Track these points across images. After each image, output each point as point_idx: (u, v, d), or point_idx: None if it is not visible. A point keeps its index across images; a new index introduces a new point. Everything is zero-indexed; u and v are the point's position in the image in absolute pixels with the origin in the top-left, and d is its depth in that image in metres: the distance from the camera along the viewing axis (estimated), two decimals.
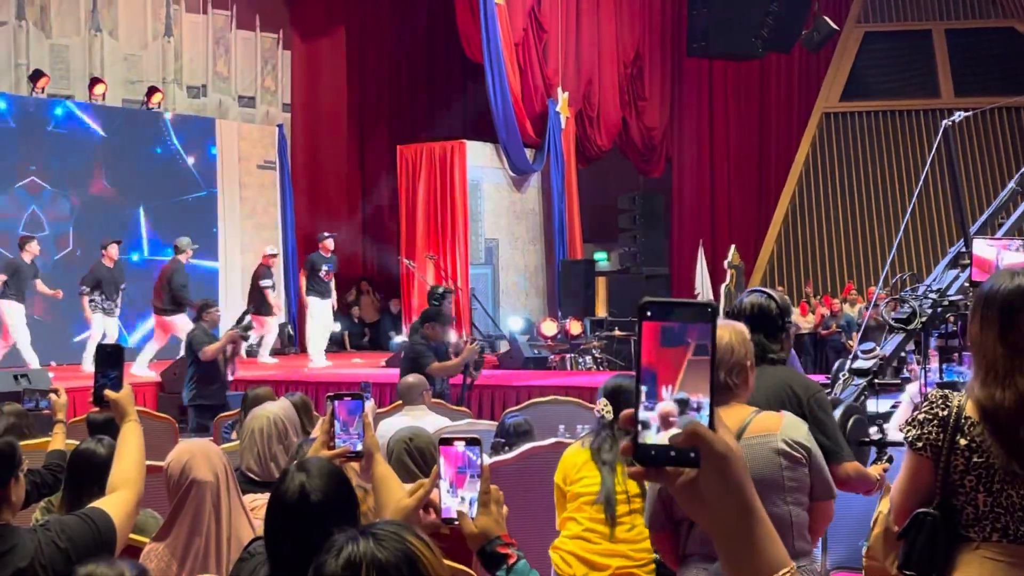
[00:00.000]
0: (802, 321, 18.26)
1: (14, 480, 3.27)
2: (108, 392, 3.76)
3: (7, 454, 3.27)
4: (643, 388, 1.45)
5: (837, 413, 4.88)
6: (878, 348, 6.24)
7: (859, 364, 6.18)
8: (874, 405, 7.12)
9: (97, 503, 3.53)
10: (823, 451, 4.09)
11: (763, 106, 22.96)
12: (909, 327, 6.59)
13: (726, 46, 19.76)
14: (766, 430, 3.55)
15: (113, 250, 14.45)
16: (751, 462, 3.42)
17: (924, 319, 6.70)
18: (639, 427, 1.47)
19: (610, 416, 4.58)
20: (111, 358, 3.84)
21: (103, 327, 14.45)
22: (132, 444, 3.70)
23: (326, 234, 15.97)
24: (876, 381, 5.50)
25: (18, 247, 13.94)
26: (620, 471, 4.52)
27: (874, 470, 4.66)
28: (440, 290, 12.52)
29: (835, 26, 20.02)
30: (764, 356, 4.17)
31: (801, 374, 4.66)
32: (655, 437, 1.46)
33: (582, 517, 4.64)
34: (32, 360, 13.57)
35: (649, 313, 1.45)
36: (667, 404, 1.44)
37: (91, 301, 14.32)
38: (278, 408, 5.03)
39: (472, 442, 2.62)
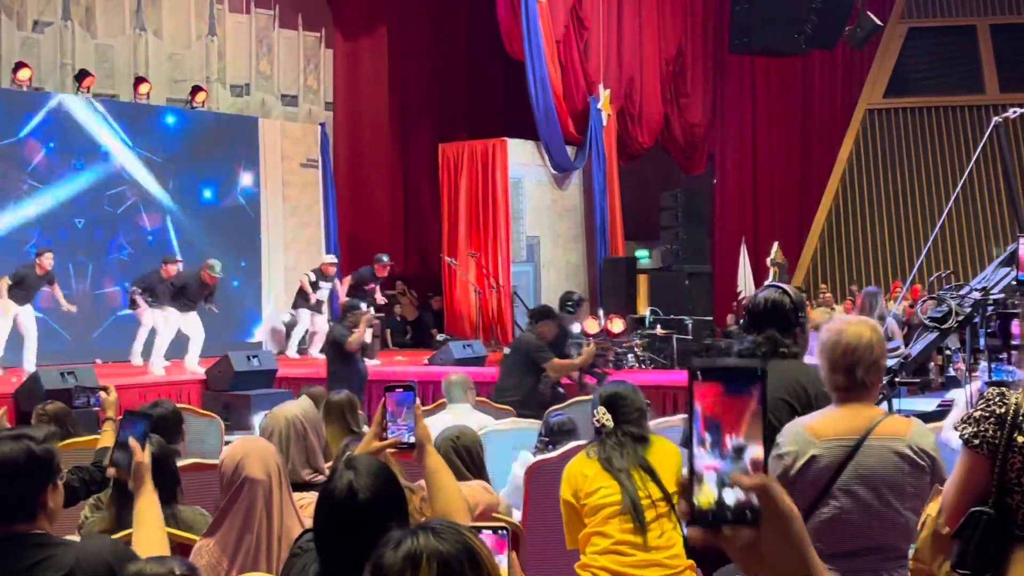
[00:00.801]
0: None
1: (52, 487, 3.23)
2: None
3: (44, 460, 3.22)
4: (707, 437, 1.43)
5: None
6: (903, 347, 6.08)
7: None
8: (897, 404, 7.05)
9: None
10: None
11: (806, 102, 22.84)
12: (943, 326, 6.50)
13: (769, 42, 19.67)
14: (894, 433, 3.50)
15: (172, 268, 14.63)
16: (873, 462, 3.46)
17: (960, 318, 6.61)
18: (694, 482, 1.43)
19: (611, 424, 4.48)
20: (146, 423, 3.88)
21: (152, 322, 14.64)
22: (155, 520, 3.68)
23: (385, 259, 16.11)
24: (897, 380, 5.38)
25: (34, 256, 13.96)
26: (637, 476, 4.39)
27: None
28: (575, 296, 12.28)
29: (879, 22, 19.89)
30: (776, 350, 4.30)
31: (812, 368, 4.44)
32: (711, 493, 1.43)
33: (611, 529, 4.40)
34: (30, 363, 13.46)
35: (700, 376, 1.44)
36: (756, 450, 1.42)
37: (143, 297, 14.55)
38: (297, 408, 4.94)
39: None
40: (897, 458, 3.45)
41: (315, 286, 16.45)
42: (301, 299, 16.58)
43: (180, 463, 5.15)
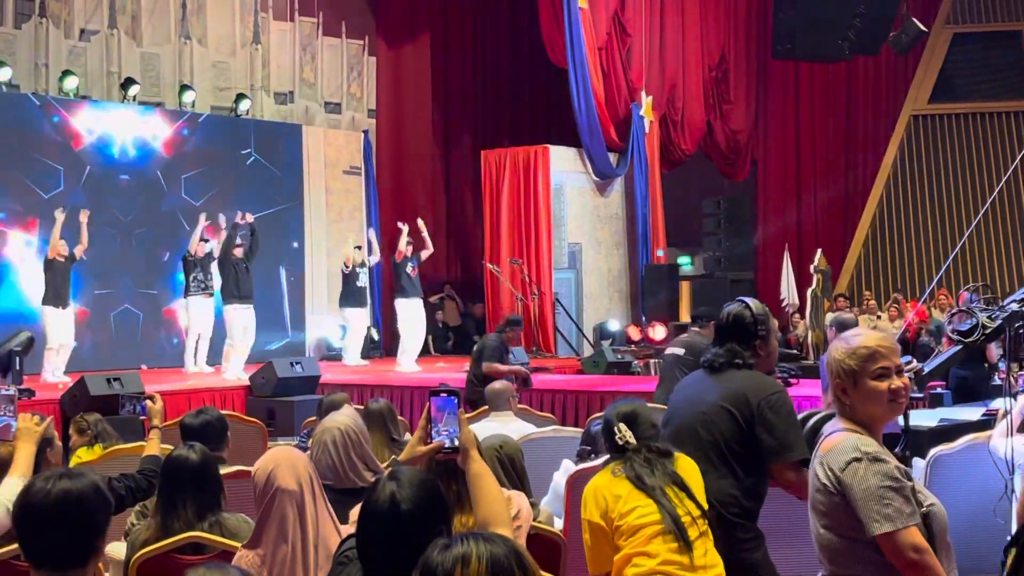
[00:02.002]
0: (891, 327, 18.01)
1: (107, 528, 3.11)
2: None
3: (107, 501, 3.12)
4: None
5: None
6: (915, 361, 5.85)
7: None
8: (942, 413, 6.94)
9: None
10: (766, 450, 4.46)
11: (850, 109, 22.70)
12: (967, 340, 6.40)
13: (813, 48, 19.58)
14: (822, 450, 3.49)
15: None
16: (811, 478, 3.51)
17: (988, 331, 6.51)
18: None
19: (634, 441, 4.35)
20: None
21: (202, 319, 14.74)
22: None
23: (518, 321, 16.00)
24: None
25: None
26: (672, 493, 4.24)
27: None
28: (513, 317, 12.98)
29: (923, 28, 19.75)
30: (732, 361, 4.60)
31: (762, 377, 4.64)
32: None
33: (655, 549, 4.19)
34: (59, 368, 13.46)
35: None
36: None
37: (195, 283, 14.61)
38: (347, 419, 5.03)
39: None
40: (814, 475, 3.47)
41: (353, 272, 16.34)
42: (347, 293, 16.41)
43: (225, 470, 5.19)
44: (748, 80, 22.09)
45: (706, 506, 4.29)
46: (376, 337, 18.72)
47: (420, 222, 16.37)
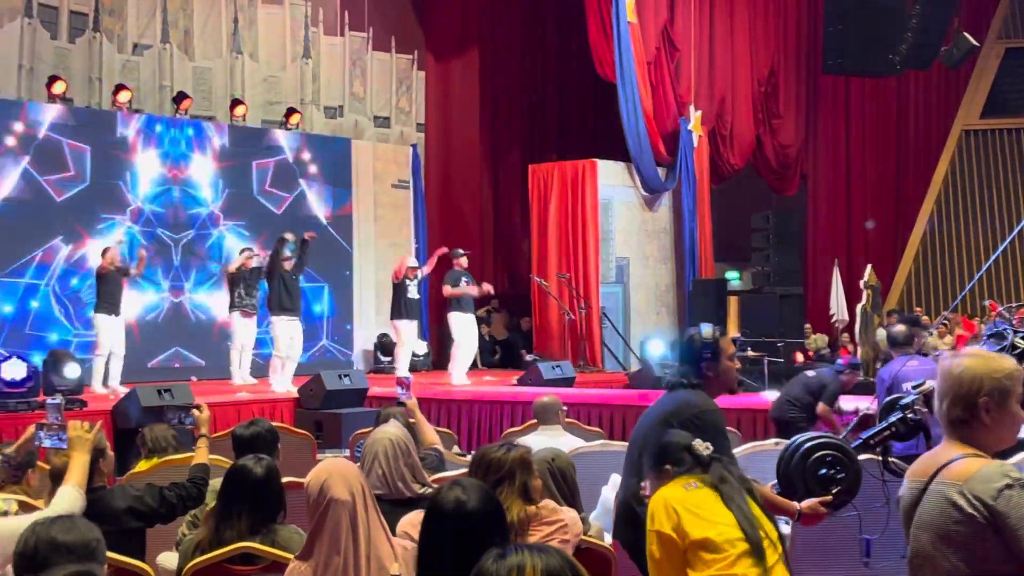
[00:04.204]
0: (940, 343, 17.85)
1: None
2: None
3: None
4: None
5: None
6: (929, 382, 5.63)
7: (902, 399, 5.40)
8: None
9: None
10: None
11: (901, 123, 22.56)
12: None
13: (863, 63, 19.48)
14: (954, 478, 3.27)
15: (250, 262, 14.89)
16: (929, 507, 3.29)
17: (1018, 351, 6.40)
18: None
19: (710, 452, 4.21)
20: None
21: (245, 333, 14.84)
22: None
23: (460, 251, 16.01)
24: (909, 416, 5.15)
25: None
26: (754, 510, 4.08)
27: (810, 503, 4.74)
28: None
29: (975, 42, 19.61)
30: (679, 382, 4.92)
31: (696, 399, 4.79)
32: None
33: (740, 571, 3.97)
34: (115, 377, 13.51)
35: None
36: None
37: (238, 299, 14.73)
38: (396, 430, 5.19)
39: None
40: (947, 504, 3.25)
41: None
42: (397, 304, 16.37)
43: None
44: (798, 94, 21.99)
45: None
46: (425, 350, 18.74)
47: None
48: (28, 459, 6.15)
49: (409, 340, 16.28)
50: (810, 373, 9.65)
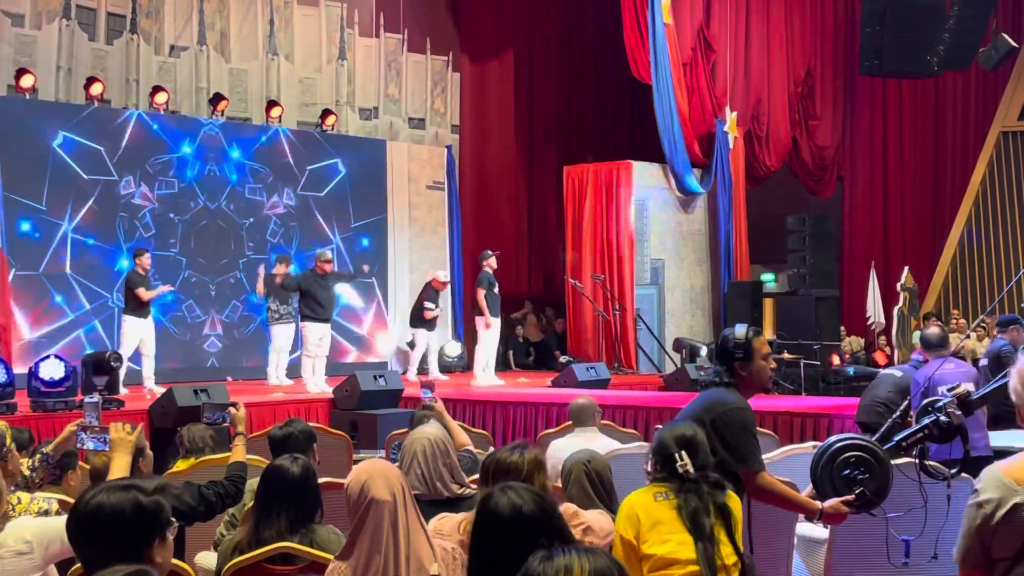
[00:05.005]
0: (979, 347, 17.72)
1: (159, 541, 3.11)
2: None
3: (152, 513, 3.10)
4: None
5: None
6: (963, 385, 5.59)
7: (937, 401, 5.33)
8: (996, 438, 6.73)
9: None
10: (718, 462, 4.57)
11: (938, 125, 22.38)
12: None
13: (900, 64, 19.34)
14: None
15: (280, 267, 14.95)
16: None
17: None
18: None
19: (693, 471, 4.24)
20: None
21: (283, 339, 14.95)
22: None
23: (488, 252, 16.05)
24: (942, 419, 5.10)
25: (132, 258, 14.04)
26: (718, 533, 4.12)
27: (832, 503, 4.82)
28: None
29: (1014, 43, 19.40)
30: (714, 381, 5.15)
31: (726, 398, 4.95)
32: None
33: None
34: (148, 378, 13.57)
35: None
36: None
37: (273, 311, 14.87)
38: (436, 430, 5.20)
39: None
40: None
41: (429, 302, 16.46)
42: (417, 318, 16.56)
43: None
44: (835, 96, 21.88)
45: (742, 547, 4.25)
46: (459, 351, 18.79)
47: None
48: (67, 460, 6.17)
49: (421, 345, 16.52)
50: (898, 372, 9.53)
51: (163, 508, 3.14)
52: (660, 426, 4.93)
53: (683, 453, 4.29)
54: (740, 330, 5.12)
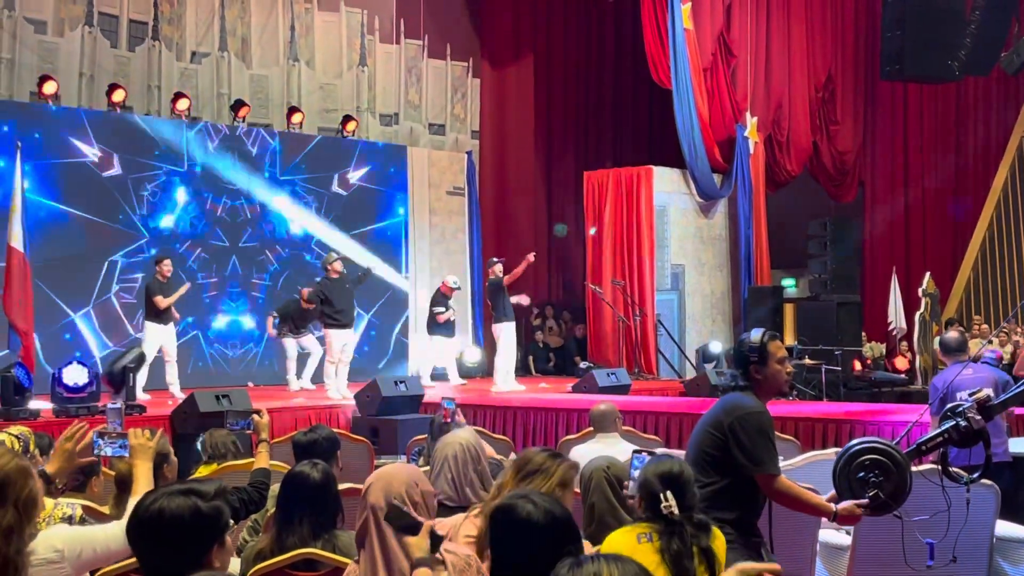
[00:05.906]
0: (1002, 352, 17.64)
1: (218, 546, 3.11)
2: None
3: (212, 518, 3.10)
4: None
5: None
6: (984, 390, 5.55)
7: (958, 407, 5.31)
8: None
9: None
10: (738, 464, 4.81)
11: (959, 129, 22.30)
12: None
13: (921, 69, 19.30)
14: None
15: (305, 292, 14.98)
16: None
17: None
18: None
19: (678, 513, 4.07)
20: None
21: (297, 346, 15.01)
22: None
23: (495, 260, 16.05)
24: (962, 424, 5.08)
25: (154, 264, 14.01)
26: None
27: (845, 505, 4.87)
28: None
29: None
30: (731, 385, 5.28)
31: (745, 401, 4.99)
32: None
33: None
34: (172, 384, 13.61)
35: None
36: None
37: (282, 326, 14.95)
38: (468, 435, 5.14)
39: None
40: None
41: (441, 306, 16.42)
42: (432, 324, 16.50)
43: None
44: (855, 100, 21.83)
45: None
46: (479, 357, 18.79)
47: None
48: (91, 467, 6.19)
49: (436, 354, 16.48)
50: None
51: (223, 513, 3.15)
52: (649, 455, 4.74)
53: (668, 493, 4.10)
54: (755, 334, 5.17)
